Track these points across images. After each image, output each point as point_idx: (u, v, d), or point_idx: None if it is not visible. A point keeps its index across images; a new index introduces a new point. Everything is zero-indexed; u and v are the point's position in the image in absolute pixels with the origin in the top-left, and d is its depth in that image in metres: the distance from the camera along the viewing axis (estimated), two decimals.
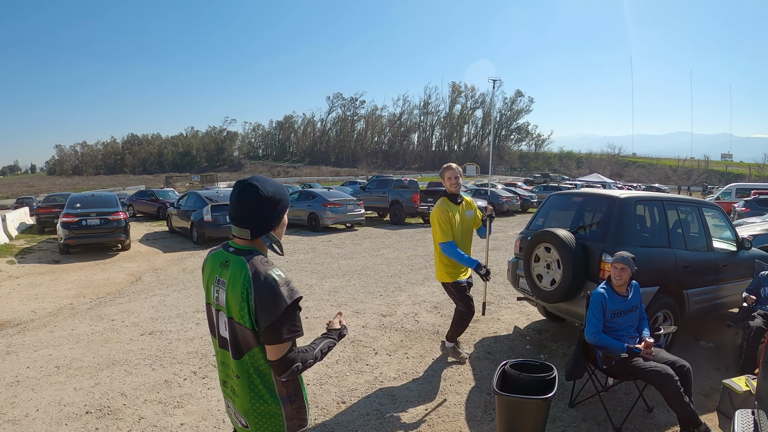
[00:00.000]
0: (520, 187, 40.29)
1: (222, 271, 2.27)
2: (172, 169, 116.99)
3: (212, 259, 2.38)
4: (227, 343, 2.28)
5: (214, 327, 2.37)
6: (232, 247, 2.32)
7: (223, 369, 2.40)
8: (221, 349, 2.36)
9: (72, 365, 5.96)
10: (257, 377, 2.23)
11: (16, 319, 8.06)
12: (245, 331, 2.17)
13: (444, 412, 4.80)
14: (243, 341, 2.20)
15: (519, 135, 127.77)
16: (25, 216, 24.98)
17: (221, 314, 2.29)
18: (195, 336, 6.91)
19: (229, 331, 2.24)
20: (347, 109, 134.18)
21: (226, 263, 2.27)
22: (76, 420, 4.64)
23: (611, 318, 4.55)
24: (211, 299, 2.36)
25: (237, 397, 2.30)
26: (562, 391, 4.96)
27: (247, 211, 2.24)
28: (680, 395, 4.08)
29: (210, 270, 2.37)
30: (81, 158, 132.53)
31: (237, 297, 2.15)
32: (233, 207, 2.28)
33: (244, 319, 2.14)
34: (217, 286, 2.30)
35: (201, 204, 16.65)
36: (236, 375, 2.25)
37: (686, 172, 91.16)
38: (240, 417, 2.32)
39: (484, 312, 6.29)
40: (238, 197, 2.25)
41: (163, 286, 10.27)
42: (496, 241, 16.47)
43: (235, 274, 2.19)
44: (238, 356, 2.23)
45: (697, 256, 6.26)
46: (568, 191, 7.53)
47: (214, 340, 2.41)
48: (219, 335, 2.34)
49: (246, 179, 2.28)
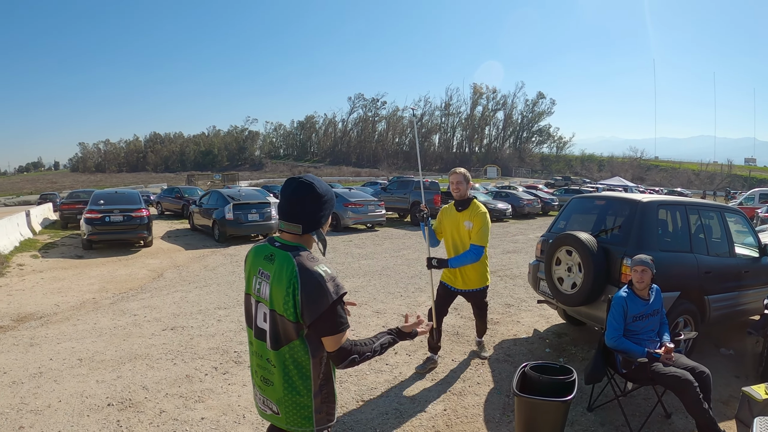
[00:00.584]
0: (541, 189, 40.14)
1: (266, 265, 2.34)
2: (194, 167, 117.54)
3: (256, 252, 2.44)
4: (265, 334, 2.35)
5: (252, 318, 2.43)
6: (278, 242, 2.37)
7: (256, 359, 2.46)
8: (257, 340, 2.42)
9: (94, 358, 6.04)
10: (294, 369, 2.30)
11: (40, 312, 8.18)
12: (287, 324, 2.24)
13: (463, 412, 4.81)
14: (284, 333, 2.28)
15: (540, 137, 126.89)
16: (48, 212, 25.34)
17: (261, 305, 2.36)
18: (216, 332, 6.98)
19: (270, 323, 2.31)
20: (368, 109, 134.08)
21: (271, 257, 2.33)
22: (98, 412, 4.72)
23: (632, 321, 4.53)
24: (251, 290, 2.42)
25: (270, 386, 2.38)
26: (581, 395, 4.94)
27: (301, 207, 2.31)
28: (699, 402, 4.05)
29: (253, 262, 2.43)
30: (104, 156, 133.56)
31: (282, 290, 2.22)
32: (287, 202, 2.33)
33: (288, 312, 2.21)
34: (259, 278, 2.37)
35: (223, 202, 16.76)
36: (273, 365, 2.33)
37: (709, 176, 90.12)
38: (271, 404, 2.40)
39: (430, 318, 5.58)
40: (293, 193, 2.32)
41: (185, 282, 10.37)
42: (516, 243, 16.45)
43: (281, 269, 2.25)
44: (276, 347, 2.30)
45: (719, 261, 6.19)
46: (591, 194, 7.49)
47: (249, 331, 2.47)
48: (256, 326, 2.41)
49: (299, 176, 2.36)
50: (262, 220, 16.57)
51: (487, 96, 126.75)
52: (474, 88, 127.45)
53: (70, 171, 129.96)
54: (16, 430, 4.38)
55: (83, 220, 14.59)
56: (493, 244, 16.11)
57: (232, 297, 9.02)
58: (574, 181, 63.55)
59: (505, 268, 11.82)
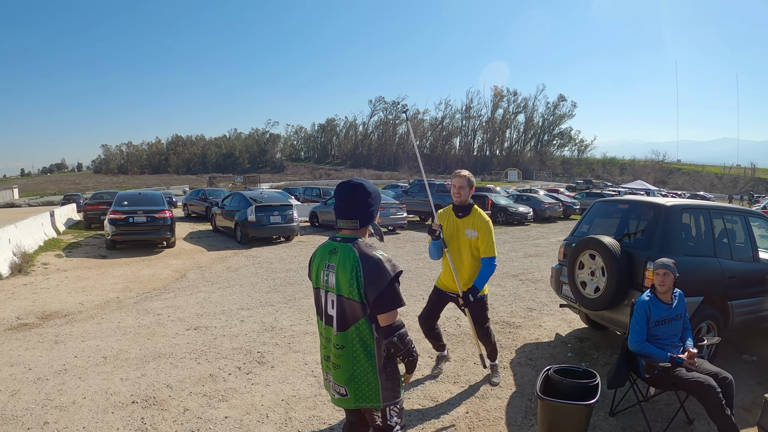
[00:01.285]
0: (563, 193, 39.91)
1: (331, 257, 2.74)
2: (215, 169, 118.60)
3: (321, 250, 2.85)
4: (333, 319, 2.73)
5: (321, 308, 2.82)
6: (338, 237, 2.79)
7: (326, 344, 2.82)
8: (326, 327, 2.79)
9: (119, 356, 6.13)
10: (360, 347, 2.69)
11: (64, 310, 8.31)
12: (353, 304, 2.64)
13: (484, 415, 4.81)
14: (350, 314, 2.67)
15: (561, 140, 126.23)
16: (72, 212, 25.67)
17: (329, 294, 2.74)
18: (239, 333, 7.04)
19: (337, 307, 2.69)
20: (389, 112, 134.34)
21: (334, 250, 2.74)
22: (122, 409, 4.79)
23: (654, 326, 4.50)
24: (320, 283, 2.81)
25: (338, 368, 2.73)
26: (603, 400, 4.91)
27: (357, 205, 2.76)
28: (722, 408, 4.02)
29: (320, 259, 2.83)
30: (126, 157, 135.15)
31: (347, 275, 2.62)
32: (345, 203, 2.77)
33: (353, 294, 2.61)
34: (326, 270, 2.76)
35: (245, 204, 16.86)
36: (340, 347, 2.71)
37: (732, 179, 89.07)
38: (339, 387, 2.73)
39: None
40: (349, 194, 2.77)
41: (208, 283, 10.46)
42: (538, 247, 16.36)
43: (344, 257, 2.66)
44: (343, 328, 2.69)
45: (743, 266, 6.12)
46: (614, 198, 7.45)
47: (320, 321, 2.87)
48: (326, 314, 2.79)
49: (350, 180, 2.86)
50: (284, 222, 16.67)
51: (507, 98, 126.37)
52: (494, 90, 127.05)
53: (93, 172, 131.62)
54: (41, 425, 4.46)
55: (107, 221, 14.76)
56: (515, 248, 16.08)
57: (254, 298, 9.09)
58: (595, 185, 63.14)
59: (527, 272, 11.77)
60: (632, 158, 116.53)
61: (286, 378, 5.54)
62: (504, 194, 31.53)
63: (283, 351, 6.36)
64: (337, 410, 4.78)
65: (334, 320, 2.72)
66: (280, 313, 8.05)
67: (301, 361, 6.04)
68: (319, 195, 30.72)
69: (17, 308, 8.34)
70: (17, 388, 5.21)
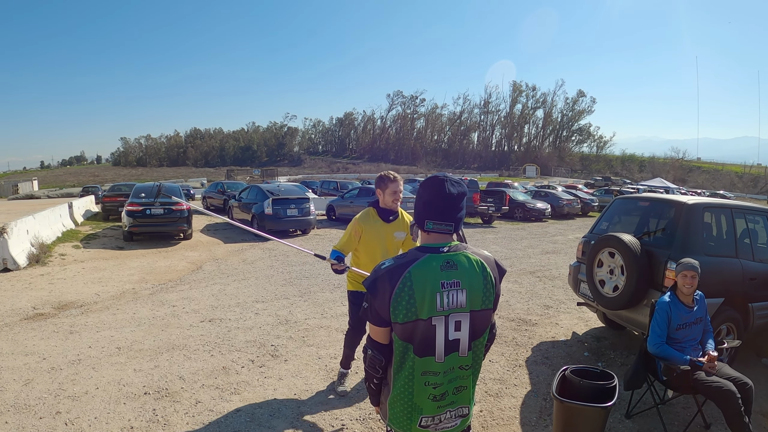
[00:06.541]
0: (581, 189, 39.61)
1: (449, 274, 2.16)
2: (233, 162, 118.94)
3: (425, 271, 2.15)
4: (459, 343, 2.20)
5: (433, 341, 2.18)
6: (442, 248, 2.21)
7: (442, 379, 2.23)
8: (447, 356, 2.20)
9: (133, 347, 6.14)
10: (479, 360, 2.32)
11: (80, 300, 8.35)
12: (487, 314, 2.24)
13: (499, 414, 4.75)
14: (481, 326, 2.25)
15: (580, 136, 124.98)
16: (90, 204, 25.83)
17: (452, 316, 2.17)
18: (254, 325, 7.03)
19: (470, 325, 2.20)
20: (407, 106, 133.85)
21: (448, 264, 2.17)
22: (135, 400, 4.79)
23: (675, 330, 4.40)
24: (435, 311, 2.14)
25: (463, 390, 2.29)
26: (619, 402, 4.83)
27: (461, 207, 2.27)
28: (741, 415, 3.93)
29: (431, 282, 2.14)
30: (145, 150, 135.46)
31: (480, 285, 2.19)
32: (447, 202, 2.21)
33: (487, 302, 2.21)
34: (448, 290, 2.15)
35: (262, 197, 16.92)
36: (466, 368, 2.27)
37: (752, 179, 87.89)
38: (463, 408, 2.32)
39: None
40: (460, 194, 2.25)
41: (224, 275, 10.49)
42: (555, 244, 16.24)
43: (469, 268, 2.18)
44: (474, 339, 2.24)
45: (765, 268, 5.98)
46: (634, 195, 7.34)
47: (429, 359, 2.19)
48: (446, 343, 2.19)
49: (450, 176, 2.27)
50: (301, 215, 16.68)
51: (526, 94, 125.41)
52: (513, 85, 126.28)
53: (112, 165, 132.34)
54: (53, 415, 4.47)
55: (125, 213, 14.85)
56: (532, 244, 15.98)
57: (270, 291, 9.08)
58: (614, 182, 62.63)
59: (544, 269, 11.67)
60: (651, 155, 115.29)
61: (299, 372, 5.51)
62: (522, 190, 31.36)
63: (296, 345, 6.34)
64: (349, 405, 4.76)
65: (461, 342, 2.20)
66: (295, 307, 8.03)
67: (314, 355, 6.01)
68: (337, 188, 30.79)
69: (33, 298, 8.39)
70: (31, 377, 5.23)
